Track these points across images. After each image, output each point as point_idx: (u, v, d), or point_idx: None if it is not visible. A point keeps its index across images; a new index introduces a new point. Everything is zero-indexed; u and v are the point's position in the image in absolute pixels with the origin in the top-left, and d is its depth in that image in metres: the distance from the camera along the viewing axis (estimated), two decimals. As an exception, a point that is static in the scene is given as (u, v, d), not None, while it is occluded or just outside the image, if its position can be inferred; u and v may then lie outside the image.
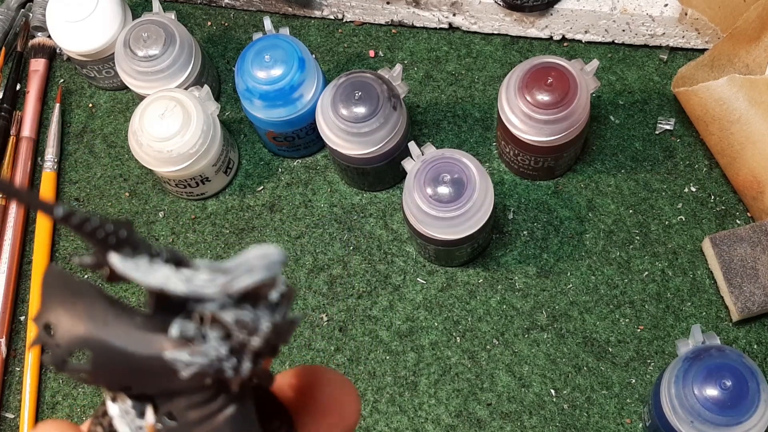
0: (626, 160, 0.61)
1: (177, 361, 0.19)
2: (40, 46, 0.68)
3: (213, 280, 0.19)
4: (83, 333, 0.20)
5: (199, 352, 0.19)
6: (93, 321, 0.20)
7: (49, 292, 0.20)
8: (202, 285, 0.19)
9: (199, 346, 0.19)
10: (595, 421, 0.56)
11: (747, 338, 0.57)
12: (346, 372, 0.58)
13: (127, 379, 0.20)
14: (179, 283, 0.19)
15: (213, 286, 0.19)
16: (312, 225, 0.62)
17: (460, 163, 0.53)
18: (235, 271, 0.19)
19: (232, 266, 0.20)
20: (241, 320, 0.19)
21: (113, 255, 0.19)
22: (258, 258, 0.20)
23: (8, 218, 0.63)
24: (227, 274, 0.19)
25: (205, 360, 0.19)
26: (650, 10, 0.61)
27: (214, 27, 0.69)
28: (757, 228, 0.56)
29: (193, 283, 0.19)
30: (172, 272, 0.19)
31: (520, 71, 0.55)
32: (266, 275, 0.20)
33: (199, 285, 0.19)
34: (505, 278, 0.59)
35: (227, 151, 0.62)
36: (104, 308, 0.20)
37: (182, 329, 0.20)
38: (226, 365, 0.19)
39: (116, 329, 0.20)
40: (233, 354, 0.20)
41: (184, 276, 0.19)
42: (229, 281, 0.19)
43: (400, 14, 0.66)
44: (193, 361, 0.19)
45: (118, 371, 0.20)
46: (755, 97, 0.55)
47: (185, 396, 0.20)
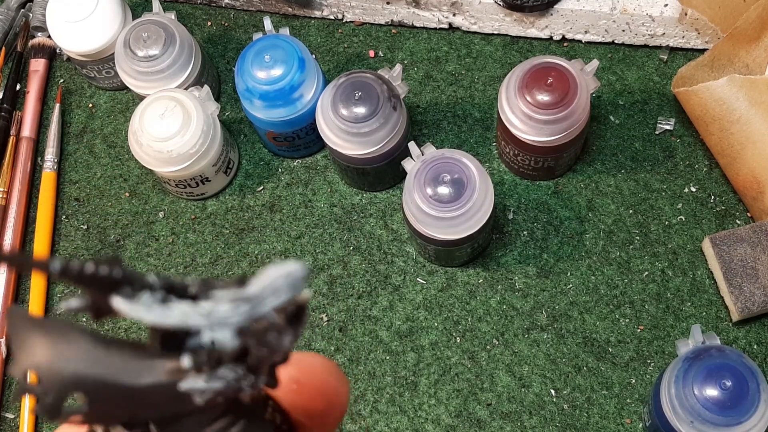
0: (626, 160, 0.61)
1: (193, 390, 0.18)
2: (40, 46, 0.68)
3: (236, 309, 0.18)
4: (72, 374, 0.18)
5: (215, 377, 0.18)
6: (79, 359, 0.18)
7: (20, 337, 0.18)
8: (226, 317, 0.18)
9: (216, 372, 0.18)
10: (595, 421, 0.56)
11: (747, 338, 0.57)
12: (346, 372, 0.58)
13: (129, 413, 0.19)
14: (200, 319, 0.18)
15: (237, 315, 0.18)
16: (312, 225, 0.62)
17: (460, 163, 0.53)
18: (259, 297, 0.18)
19: (255, 293, 0.18)
20: (265, 340, 0.18)
21: (117, 299, 0.18)
22: (282, 278, 0.18)
23: (8, 218, 0.63)
24: (251, 301, 0.18)
25: (223, 384, 0.18)
26: (650, 10, 0.61)
27: (214, 27, 0.69)
28: (757, 228, 0.56)
29: (215, 317, 0.18)
30: (189, 308, 0.18)
31: (520, 71, 0.55)
32: (291, 296, 0.19)
33: (222, 317, 0.18)
34: (505, 278, 0.59)
35: (227, 151, 0.62)
36: (89, 343, 0.18)
37: (195, 358, 0.18)
38: (244, 384, 0.19)
39: (108, 363, 0.18)
40: (251, 371, 0.19)
41: (205, 310, 0.18)
42: (254, 307, 0.18)
43: (400, 14, 0.66)
44: (210, 387, 0.18)
45: (119, 407, 0.19)
46: (755, 97, 0.55)
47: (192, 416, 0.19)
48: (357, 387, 0.58)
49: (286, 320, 0.19)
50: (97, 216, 0.64)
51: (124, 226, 0.63)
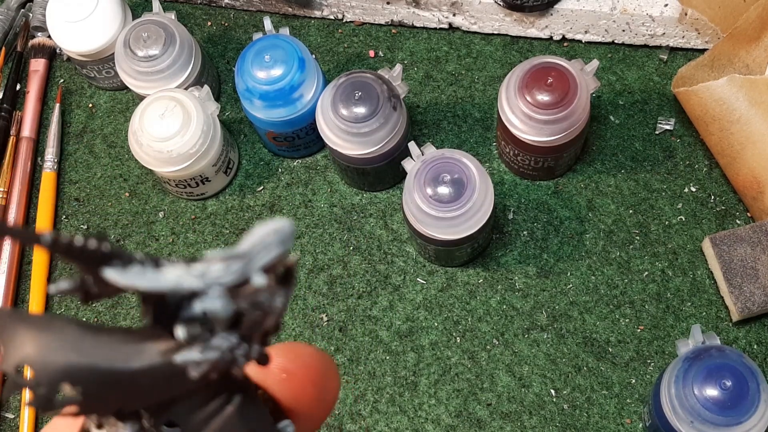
0: (626, 160, 0.61)
1: (188, 362, 0.18)
2: (40, 46, 0.68)
3: (229, 267, 0.18)
4: (62, 364, 0.18)
5: (209, 347, 0.18)
6: (69, 349, 0.18)
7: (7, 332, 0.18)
8: (219, 275, 0.18)
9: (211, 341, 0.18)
10: (595, 421, 0.56)
11: (747, 338, 0.57)
12: (346, 372, 0.58)
13: (123, 400, 0.19)
14: (194, 280, 0.18)
15: (230, 274, 0.18)
16: (312, 225, 0.62)
17: (460, 163, 0.53)
18: (250, 254, 0.18)
19: (246, 250, 0.18)
20: (257, 301, 0.18)
21: (108, 271, 0.18)
22: (271, 234, 0.18)
23: (8, 218, 0.63)
24: (243, 258, 0.18)
25: (218, 354, 0.18)
26: (650, 10, 0.61)
27: (214, 27, 0.69)
28: (757, 228, 0.56)
29: (209, 276, 0.18)
30: (182, 271, 0.18)
31: (520, 71, 0.55)
32: (282, 251, 0.18)
33: (215, 276, 0.18)
34: (505, 278, 0.59)
35: (227, 151, 0.62)
36: (77, 332, 0.18)
37: (189, 329, 0.19)
38: (238, 353, 0.18)
39: (98, 350, 0.18)
40: (244, 339, 0.19)
41: (198, 271, 0.18)
42: (246, 264, 0.18)
43: (400, 14, 0.66)
44: (205, 358, 0.18)
45: (112, 393, 0.18)
46: (755, 97, 0.55)
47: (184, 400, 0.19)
48: (357, 387, 0.58)
49: (277, 281, 0.19)
50: (97, 216, 0.64)
51: (124, 226, 0.63)
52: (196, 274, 0.18)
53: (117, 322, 0.61)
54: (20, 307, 0.63)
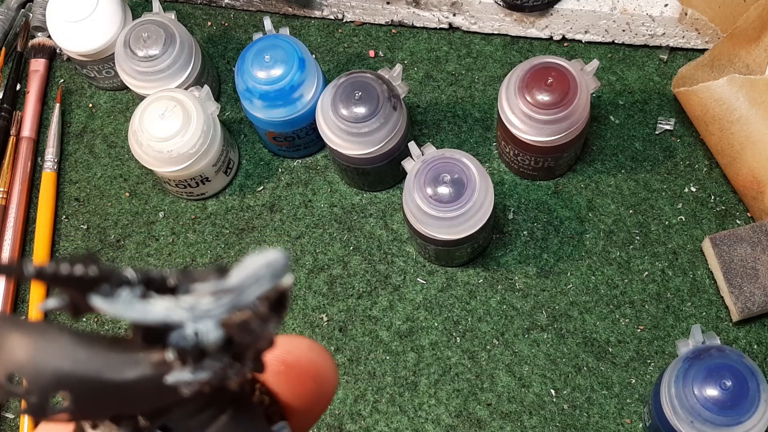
0: (626, 160, 0.61)
1: (179, 383, 0.18)
2: (40, 46, 0.68)
3: (219, 301, 0.18)
4: (55, 372, 0.18)
5: (201, 368, 0.18)
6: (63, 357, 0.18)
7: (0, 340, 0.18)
8: (209, 309, 0.18)
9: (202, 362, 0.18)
10: (595, 421, 0.56)
11: (747, 338, 0.57)
12: (346, 372, 0.58)
13: (115, 408, 0.19)
14: (183, 313, 0.18)
15: (220, 307, 0.18)
16: (312, 225, 0.62)
17: (460, 163, 0.53)
18: (241, 288, 0.18)
19: (237, 283, 0.18)
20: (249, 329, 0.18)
21: (95, 298, 0.18)
22: (264, 267, 0.18)
23: (8, 218, 0.63)
24: (233, 292, 0.18)
25: (209, 374, 0.18)
26: (650, 10, 0.61)
27: (214, 27, 0.69)
28: (757, 228, 0.56)
29: (199, 310, 0.18)
30: (171, 303, 0.18)
31: (520, 71, 0.55)
32: (274, 284, 0.18)
33: (204, 310, 0.18)
34: (505, 278, 0.59)
35: (227, 151, 0.62)
36: (70, 340, 0.18)
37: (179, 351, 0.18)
38: (230, 372, 0.18)
39: (91, 359, 0.18)
40: (236, 359, 0.18)
41: (187, 304, 0.18)
42: (236, 297, 0.18)
43: (400, 14, 0.66)
44: (196, 378, 0.18)
45: (104, 402, 0.18)
46: (755, 97, 0.55)
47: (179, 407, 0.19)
48: (357, 387, 0.58)
49: (269, 307, 0.18)
50: (97, 216, 0.64)
51: (124, 226, 0.63)
52: (185, 306, 0.18)
53: (118, 322, 0.61)
54: (19, 310, 0.63)
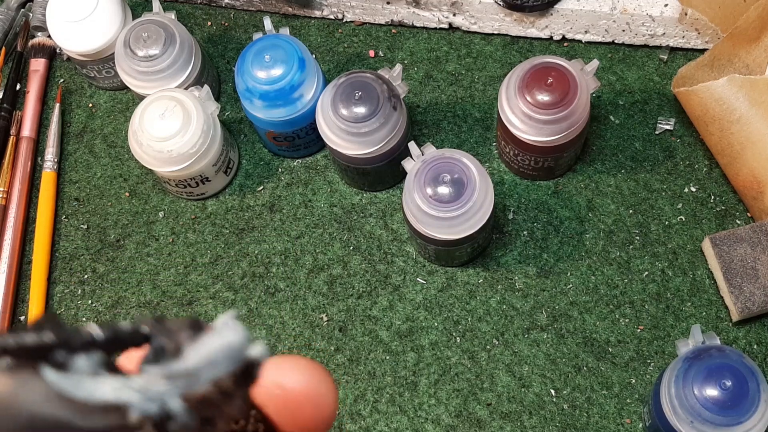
0: (626, 160, 0.61)
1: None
2: (40, 46, 0.68)
3: (171, 383, 0.17)
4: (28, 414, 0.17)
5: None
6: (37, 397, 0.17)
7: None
8: (161, 392, 0.17)
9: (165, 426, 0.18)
10: (595, 421, 0.56)
11: (747, 338, 0.57)
12: (346, 372, 0.58)
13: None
14: (133, 395, 0.17)
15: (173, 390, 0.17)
16: (312, 225, 0.62)
17: (460, 163, 0.53)
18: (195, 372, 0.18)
19: (191, 368, 0.18)
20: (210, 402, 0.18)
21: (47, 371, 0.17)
22: (221, 351, 0.18)
23: (8, 218, 0.63)
24: (187, 377, 0.18)
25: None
26: (650, 10, 0.61)
27: (214, 27, 0.69)
28: (757, 228, 0.56)
29: (151, 392, 0.17)
30: (121, 383, 0.17)
31: (520, 71, 0.55)
32: (231, 368, 0.18)
33: (156, 393, 0.17)
34: (505, 278, 0.59)
35: (227, 151, 0.62)
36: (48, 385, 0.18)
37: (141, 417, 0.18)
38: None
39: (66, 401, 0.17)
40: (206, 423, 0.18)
41: (138, 385, 0.17)
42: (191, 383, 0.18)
43: (400, 14, 0.66)
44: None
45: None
46: (755, 97, 0.55)
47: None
48: (357, 387, 0.58)
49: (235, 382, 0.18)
50: (97, 216, 0.64)
51: (124, 226, 0.63)
52: (135, 388, 0.17)
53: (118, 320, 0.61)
54: (18, 311, 0.63)
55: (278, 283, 0.61)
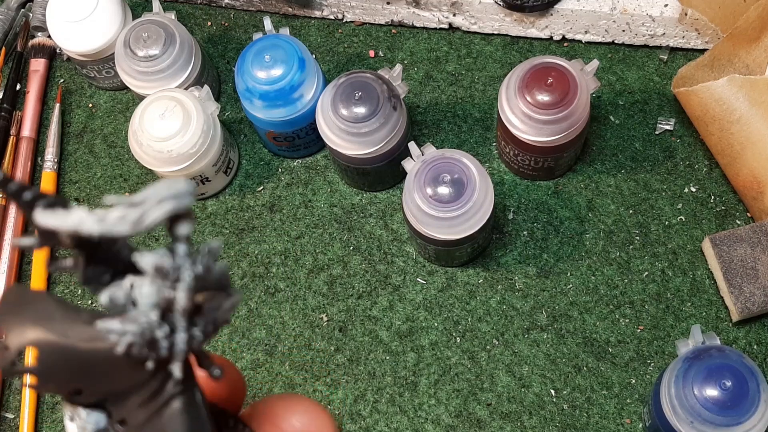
0: (626, 160, 0.61)
1: (109, 331, 0.19)
2: (40, 46, 0.68)
3: (124, 216, 0.19)
4: (32, 337, 0.20)
5: (129, 319, 0.19)
6: (40, 322, 0.20)
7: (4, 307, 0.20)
8: (115, 222, 0.19)
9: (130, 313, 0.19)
10: (595, 421, 0.56)
11: (747, 338, 0.57)
12: (346, 372, 0.58)
13: (75, 378, 0.20)
14: (93, 224, 0.19)
15: (125, 223, 0.19)
16: (312, 225, 0.62)
17: (460, 163, 0.53)
18: (144, 204, 0.19)
19: (140, 199, 0.20)
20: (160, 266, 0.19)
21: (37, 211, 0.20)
22: (165, 189, 0.20)
23: (8, 218, 0.64)
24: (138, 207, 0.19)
25: (137, 327, 0.19)
26: (650, 10, 0.61)
27: (214, 27, 0.69)
28: (757, 228, 0.56)
29: (106, 222, 0.19)
30: (86, 214, 0.19)
31: (520, 71, 0.55)
32: (176, 205, 0.19)
33: (111, 223, 0.19)
34: (505, 278, 0.59)
35: (227, 151, 0.62)
36: (52, 309, 0.20)
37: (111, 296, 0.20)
38: (159, 333, 0.19)
39: (61, 327, 0.20)
40: (165, 320, 0.19)
41: (97, 216, 0.19)
42: (141, 215, 0.19)
43: (400, 14, 0.66)
44: (124, 329, 0.19)
45: (65, 369, 0.20)
46: (755, 97, 0.55)
47: (134, 394, 0.20)
48: (357, 387, 0.58)
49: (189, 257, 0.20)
50: (97, 216, 0.64)
51: (124, 226, 0.63)
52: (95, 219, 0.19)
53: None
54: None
55: (278, 283, 0.61)
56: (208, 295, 0.20)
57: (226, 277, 0.20)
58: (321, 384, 0.58)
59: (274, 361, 0.59)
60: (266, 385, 0.58)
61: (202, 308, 0.20)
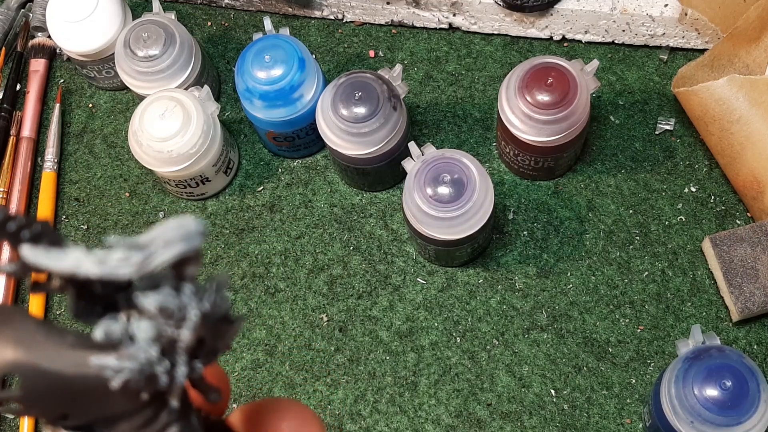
0: (626, 160, 0.61)
1: (105, 368, 0.18)
2: (40, 46, 0.68)
3: (128, 258, 0.18)
4: (11, 358, 0.18)
5: (127, 356, 0.18)
6: (20, 344, 0.18)
7: None
8: (117, 265, 0.18)
9: (128, 350, 0.18)
10: (595, 421, 0.56)
11: (747, 338, 0.57)
12: (346, 372, 0.58)
13: (62, 404, 0.19)
14: (92, 266, 0.18)
15: (128, 266, 0.18)
16: (312, 225, 0.62)
17: (460, 163, 0.53)
18: (150, 246, 0.18)
19: (146, 241, 0.18)
20: (165, 307, 0.18)
21: (24, 247, 0.18)
22: (174, 229, 0.18)
23: (8, 218, 0.63)
24: (143, 250, 0.18)
25: (135, 364, 0.18)
26: (650, 10, 0.61)
27: (214, 27, 0.69)
28: (757, 228, 0.56)
29: (107, 264, 0.18)
30: (84, 254, 0.18)
31: (520, 71, 0.55)
32: (185, 248, 0.18)
33: (113, 266, 0.18)
34: (505, 278, 0.59)
35: (227, 151, 0.62)
36: (32, 330, 0.18)
37: (107, 330, 0.18)
38: (159, 369, 0.18)
39: (45, 350, 0.18)
40: (165, 355, 0.18)
41: (97, 258, 0.18)
42: (146, 258, 0.18)
43: (400, 14, 0.66)
44: (122, 366, 0.18)
45: (51, 395, 0.18)
46: (755, 97, 0.55)
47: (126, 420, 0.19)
48: (357, 387, 0.58)
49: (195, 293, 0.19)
50: (97, 216, 0.64)
51: (124, 226, 0.63)
52: (95, 260, 0.18)
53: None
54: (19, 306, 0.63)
55: (278, 283, 0.61)
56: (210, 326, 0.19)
57: (229, 307, 0.19)
58: (321, 384, 0.58)
59: (274, 361, 0.59)
60: (266, 385, 0.58)
61: (204, 340, 0.19)
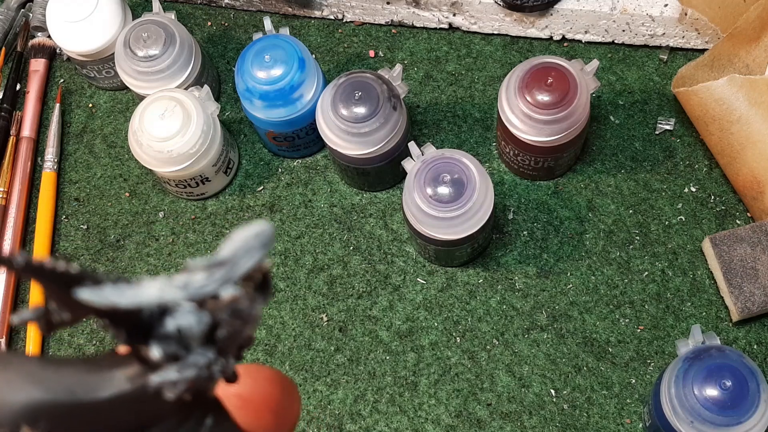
0: (626, 160, 0.61)
1: (165, 383, 0.17)
2: (40, 46, 0.68)
3: (212, 276, 0.17)
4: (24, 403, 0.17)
5: (187, 365, 0.17)
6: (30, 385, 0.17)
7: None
8: (202, 285, 0.17)
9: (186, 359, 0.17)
10: (595, 421, 0.56)
11: (747, 338, 0.57)
12: (346, 372, 0.58)
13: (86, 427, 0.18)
14: (177, 291, 0.17)
15: (214, 282, 0.17)
16: (312, 225, 0.62)
17: (460, 163, 0.53)
18: (233, 259, 0.18)
19: (228, 256, 0.18)
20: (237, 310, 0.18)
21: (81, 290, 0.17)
22: (253, 238, 0.18)
23: (8, 218, 0.63)
24: (225, 265, 0.18)
25: (195, 371, 0.17)
26: (650, 10, 0.61)
27: (214, 27, 0.69)
28: (757, 228, 0.56)
29: (192, 287, 0.17)
30: (164, 284, 0.17)
31: (520, 71, 0.55)
32: (264, 254, 0.18)
33: (198, 286, 0.17)
34: (505, 278, 0.59)
35: (227, 151, 0.62)
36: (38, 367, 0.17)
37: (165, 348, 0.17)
38: (215, 369, 0.18)
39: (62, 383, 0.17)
40: (221, 354, 0.18)
41: (180, 282, 0.17)
42: (230, 270, 0.17)
43: (400, 14, 0.66)
44: (182, 376, 0.17)
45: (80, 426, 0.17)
46: (755, 97, 0.55)
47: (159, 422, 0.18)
48: (357, 387, 0.58)
49: (255, 288, 0.18)
50: (97, 216, 0.64)
51: (124, 226, 0.63)
52: (178, 285, 0.17)
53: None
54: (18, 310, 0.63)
55: (278, 283, 0.61)
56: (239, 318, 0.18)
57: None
58: (321, 384, 0.58)
59: (274, 361, 0.59)
60: (266, 385, 0.58)
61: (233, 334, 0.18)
